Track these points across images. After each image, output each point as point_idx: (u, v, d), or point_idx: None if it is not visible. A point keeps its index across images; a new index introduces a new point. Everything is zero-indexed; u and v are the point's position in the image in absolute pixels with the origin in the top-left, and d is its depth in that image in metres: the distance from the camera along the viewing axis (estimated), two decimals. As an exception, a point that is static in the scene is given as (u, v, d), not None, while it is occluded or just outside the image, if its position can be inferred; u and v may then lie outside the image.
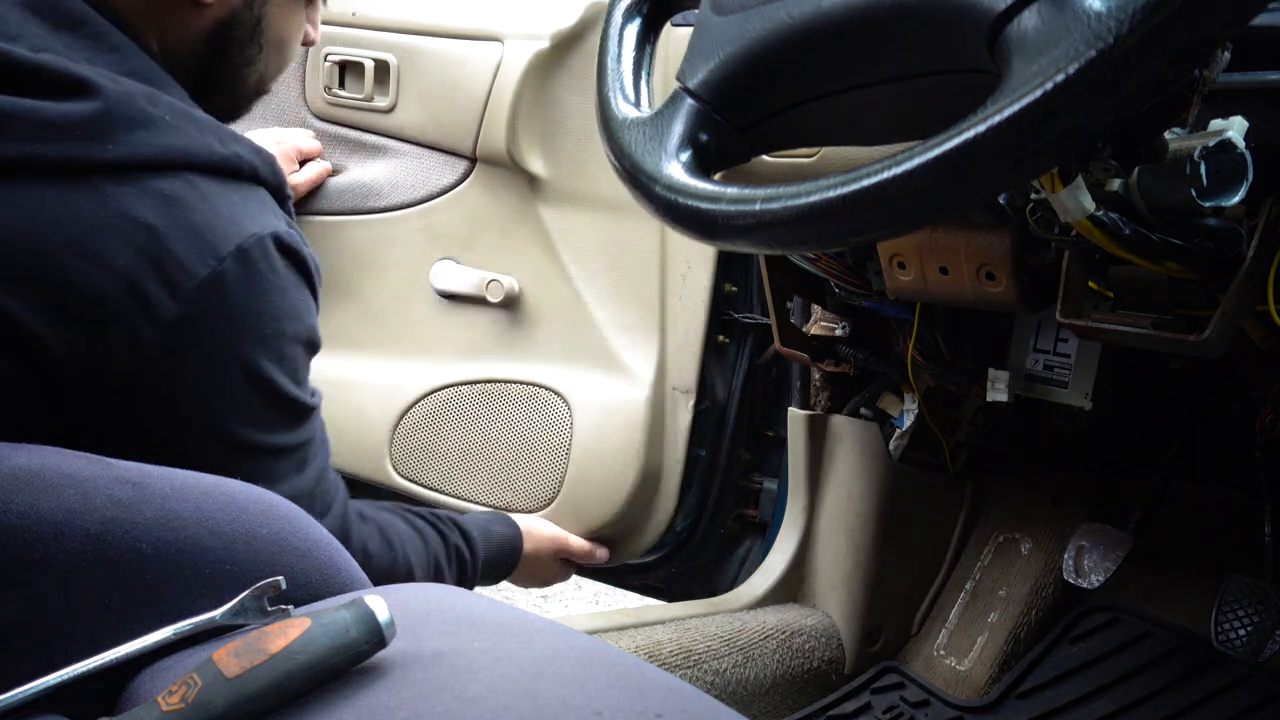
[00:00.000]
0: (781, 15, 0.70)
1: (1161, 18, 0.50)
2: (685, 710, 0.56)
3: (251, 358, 0.87)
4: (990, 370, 1.35)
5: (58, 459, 0.69)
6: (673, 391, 1.54)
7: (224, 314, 0.85)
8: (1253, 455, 1.32)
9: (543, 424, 1.56)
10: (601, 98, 0.81)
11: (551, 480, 1.55)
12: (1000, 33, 0.58)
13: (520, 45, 1.52)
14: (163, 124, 0.85)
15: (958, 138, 0.55)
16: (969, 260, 1.11)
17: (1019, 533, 1.55)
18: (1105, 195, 0.82)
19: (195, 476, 0.74)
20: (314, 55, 1.65)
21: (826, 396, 1.50)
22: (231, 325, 0.86)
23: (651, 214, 0.72)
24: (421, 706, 0.55)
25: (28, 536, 0.64)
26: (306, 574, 0.72)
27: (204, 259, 0.84)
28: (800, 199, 0.61)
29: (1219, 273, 0.91)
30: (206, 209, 0.85)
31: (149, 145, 0.84)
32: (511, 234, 1.57)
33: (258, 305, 0.87)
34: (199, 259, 0.84)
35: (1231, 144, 0.76)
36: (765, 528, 1.61)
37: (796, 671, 1.44)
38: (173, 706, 0.55)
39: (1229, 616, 1.30)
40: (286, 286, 0.90)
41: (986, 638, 1.48)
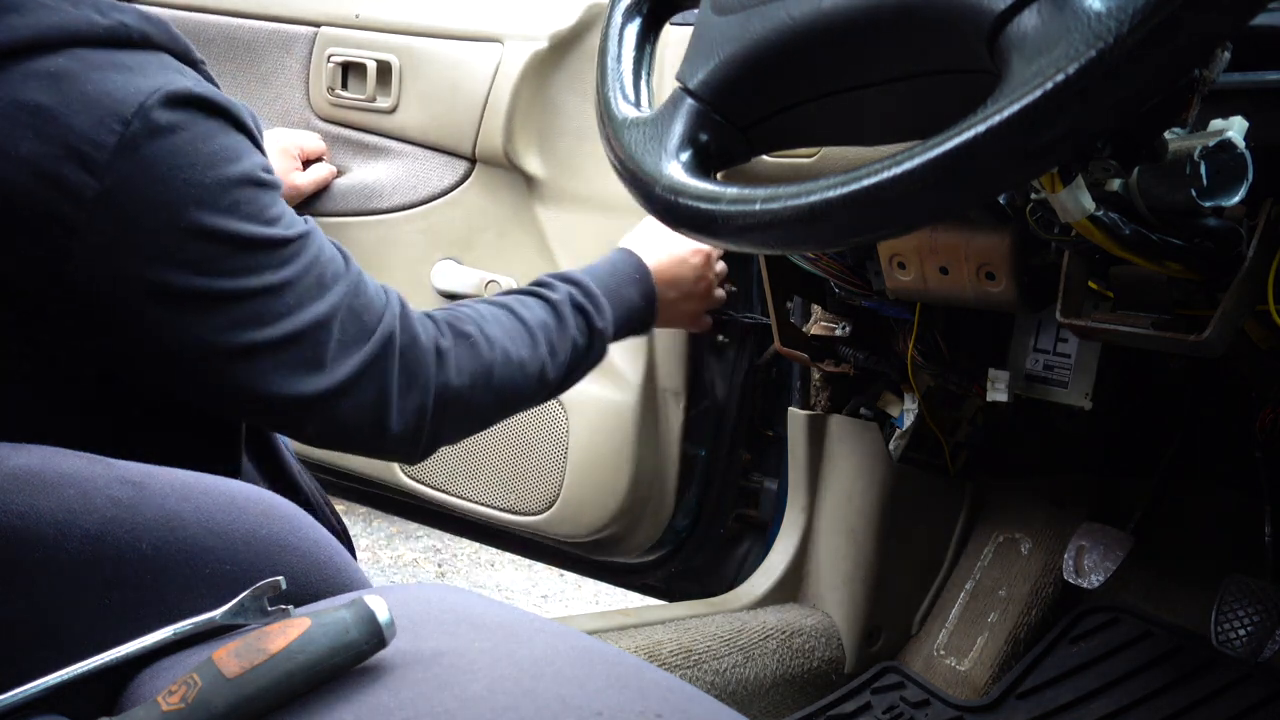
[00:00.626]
0: (782, 15, 0.70)
1: (1161, 18, 0.50)
2: (685, 710, 0.56)
3: (196, 216, 0.81)
4: (990, 370, 1.35)
5: (58, 459, 0.69)
6: (663, 393, 1.54)
7: (149, 177, 0.79)
8: (1253, 455, 1.32)
9: (541, 427, 1.56)
10: (601, 98, 0.81)
11: (551, 482, 1.55)
12: (1000, 33, 0.58)
13: (519, 46, 1.52)
14: (33, 5, 0.80)
15: (957, 138, 0.55)
16: (969, 260, 1.11)
17: (1019, 533, 1.55)
18: (1105, 195, 0.82)
19: (195, 476, 0.74)
20: (317, 56, 1.65)
21: (826, 396, 1.50)
22: (162, 187, 0.80)
23: (651, 214, 0.72)
24: (421, 706, 0.55)
25: (28, 536, 0.64)
26: (306, 574, 0.72)
27: (108, 126, 0.78)
28: (800, 199, 0.61)
29: (1219, 273, 0.91)
30: (98, 78, 0.79)
31: (22, 28, 0.78)
32: (510, 234, 1.57)
33: (181, 159, 0.80)
34: (102, 127, 0.78)
35: (1231, 144, 0.76)
36: (765, 527, 1.61)
37: (796, 671, 1.44)
38: (173, 706, 0.55)
39: (1229, 616, 1.30)
40: (210, 133, 0.83)
41: (986, 638, 1.48)
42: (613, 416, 1.52)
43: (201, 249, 0.81)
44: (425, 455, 0.98)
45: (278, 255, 0.85)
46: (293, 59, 1.66)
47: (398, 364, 0.93)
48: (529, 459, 1.56)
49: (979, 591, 1.53)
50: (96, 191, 0.78)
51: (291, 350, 0.86)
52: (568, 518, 1.54)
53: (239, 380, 0.85)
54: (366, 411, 0.91)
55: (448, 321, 1.00)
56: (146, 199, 0.79)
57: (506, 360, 1.02)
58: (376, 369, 0.91)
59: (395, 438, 0.93)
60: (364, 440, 0.93)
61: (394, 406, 0.92)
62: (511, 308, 1.06)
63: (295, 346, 0.86)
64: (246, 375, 0.85)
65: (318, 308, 0.88)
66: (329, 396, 0.88)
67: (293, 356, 0.86)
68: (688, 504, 1.58)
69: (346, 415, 0.90)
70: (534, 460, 1.56)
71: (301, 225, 0.88)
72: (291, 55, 1.66)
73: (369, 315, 0.92)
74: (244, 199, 0.83)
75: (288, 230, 0.87)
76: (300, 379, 0.87)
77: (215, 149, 0.82)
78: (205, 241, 0.81)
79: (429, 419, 0.95)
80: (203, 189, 0.81)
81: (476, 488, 1.60)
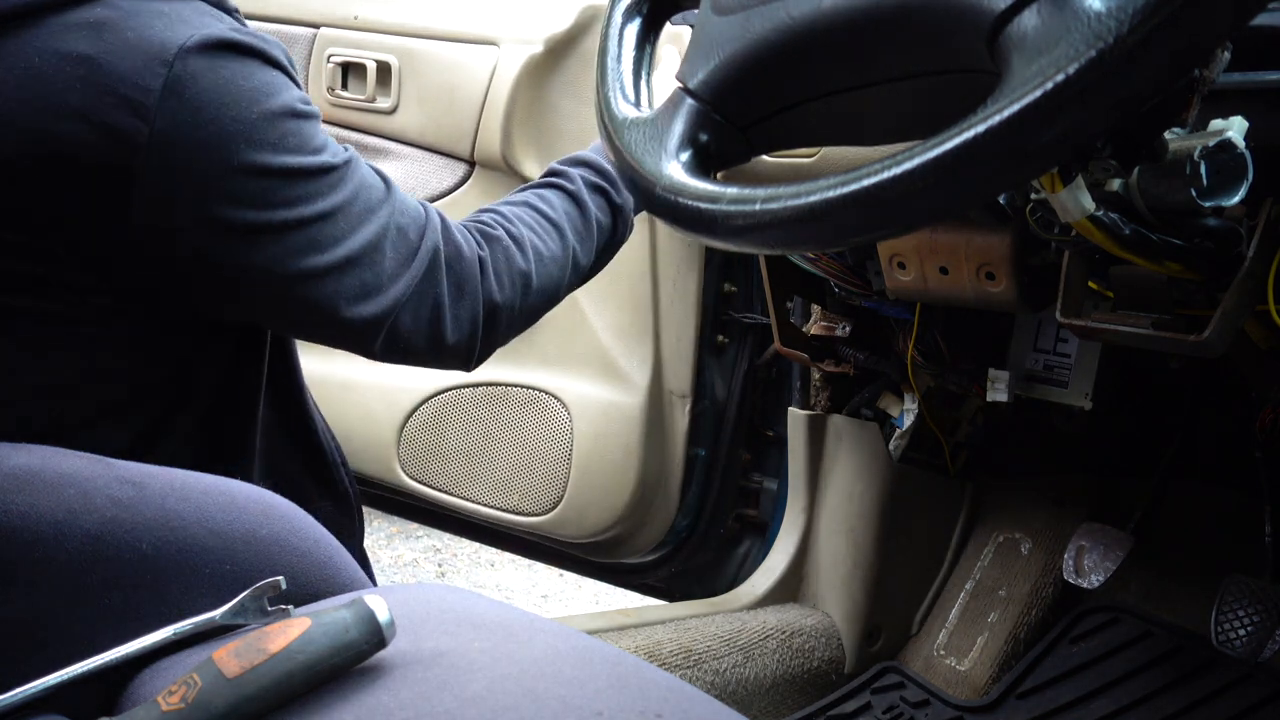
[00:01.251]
0: (782, 15, 0.70)
1: (1162, 17, 0.50)
2: (685, 710, 0.56)
3: (246, 153, 0.83)
4: (990, 370, 1.35)
5: (58, 459, 0.69)
6: (669, 395, 1.54)
7: (199, 118, 0.81)
8: (1253, 455, 1.32)
9: (544, 429, 1.56)
10: (601, 98, 0.81)
11: (556, 484, 1.55)
12: (1000, 32, 0.58)
13: (515, 50, 1.52)
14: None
15: (957, 138, 0.55)
16: (969, 260, 1.11)
17: (1019, 533, 1.55)
18: (1105, 195, 0.82)
19: (195, 476, 0.74)
20: (317, 57, 1.65)
21: (826, 396, 1.50)
22: (213, 127, 0.82)
23: (652, 214, 0.72)
24: (421, 706, 0.55)
25: (28, 536, 0.64)
26: (306, 574, 0.72)
27: (152, 70, 0.80)
28: (800, 199, 0.61)
29: (1219, 273, 0.91)
30: (138, 25, 0.81)
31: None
32: (511, 235, 1.57)
33: (227, 98, 0.83)
34: (148, 72, 0.80)
35: (1231, 144, 0.76)
36: (765, 527, 1.61)
37: (796, 671, 1.44)
38: (173, 706, 0.55)
39: (1229, 616, 1.30)
40: (249, 71, 0.85)
41: (986, 638, 1.48)
42: (619, 418, 1.52)
43: (255, 184, 0.84)
44: (480, 362, 1.02)
45: (326, 182, 0.88)
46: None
47: (446, 277, 0.96)
48: (532, 461, 1.57)
49: (979, 591, 1.53)
50: (149, 136, 0.80)
51: (350, 273, 0.89)
52: (572, 519, 1.54)
53: (304, 306, 0.89)
54: (424, 325, 0.95)
55: (477, 229, 1.03)
56: (198, 139, 0.81)
57: (539, 259, 1.04)
58: (429, 283, 0.95)
59: (451, 348, 0.97)
60: (423, 352, 0.96)
61: (448, 317, 0.96)
62: (532, 204, 1.09)
63: (354, 269, 0.90)
64: (310, 301, 0.88)
65: (368, 230, 0.91)
66: (388, 315, 0.92)
67: (351, 279, 0.90)
68: (688, 504, 1.58)
69: (406, 330, 0.93)
70: (537, 462, 1.56)
71: (344, 153, 0.91)
72: (291, 55, 1.66)
73: (414, 232, 0.95)
74: (289, 131, 0.86)
75: (333, 158, 0.90)
76: (361, 302, 0.90)
77: (256, 85, 0.85)
78: (258, 177, 0.84)
79: (480, 327, 0.99)
80: (250, 125, 0.83)
81: (479, 489, 1.60)
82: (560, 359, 1.56)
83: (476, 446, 1.60)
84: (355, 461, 1.68)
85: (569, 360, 1.56)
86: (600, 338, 1.54)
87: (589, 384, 1.55)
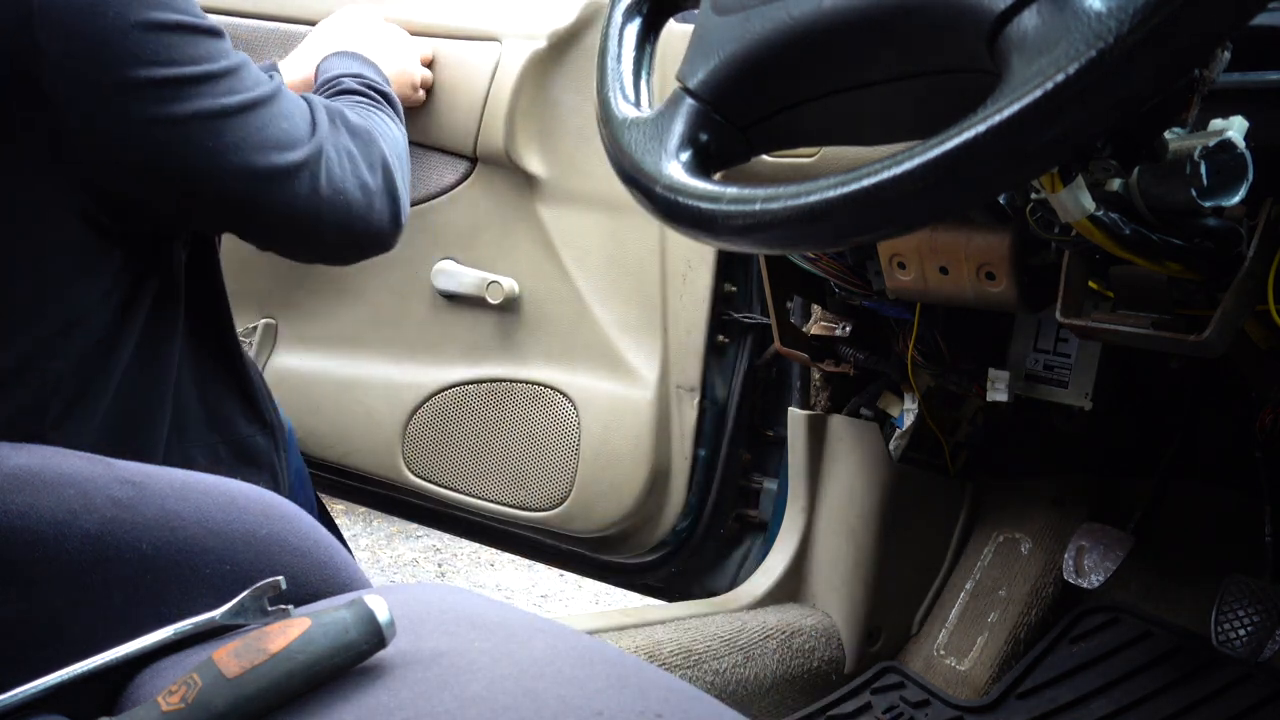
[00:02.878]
0: (782, 15, 0.70)
1: (1162, 17, 0.50)
2: (685, 710, 0.56)
3: (143, 13, 0.87)
4: (990, 370, 1.35)
5: (58, 459, 0.70)
6: (676, 390, 1.54)
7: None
8: (1253, 455, 1.32)
9: (550, 424, 1.56)
10: (601, 98, 0.81)
11: (563, 480, 1.55)
12: (1000, 32, 0.58)
13: (518, 45, 1.52)
14: None
15: (958, 138, 0.55)
16: (969, 260, 1.11)
17: (1019, 533, 1.55)
18: (1105, 195, 0.82)
19: (196, 476, 0.74)
20: (314, 55, 1.65)
21: (826, 396, 1.50)
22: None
23: (651, 214, 0.72)
24: (421, 706, 0.55)
25: (28, 536, 0.64)
26: (306, 574, 0.72)
27: None
28: (800, 199, 0.61)
29: (1219, 273, 0.91)
30: None
31: None
32: (512, 234, 1.57)
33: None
34: None
35: (1231, 144, 0.76)
36: (765, 528, 1.61)
37: (796, 671, 1.44)
38: (173, 706, 0.55)
39: (1229, 616, 1.30)
40: None
41: (986, 638, 1.48)
42: (626, 413, 1.52)
43: (151, 38, 0.88)
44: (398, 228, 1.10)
45: (223, 45, 0.94)
46: (293, 59, 1.65)
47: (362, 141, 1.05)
48: (539, 456, 1.57)
49: (979, 591, 1.53)
50: (34, 3, 0.83)
51: (264, 120, 0.95)
52: (579, 514, 1.55)
53: (232, 154, 0.93)
54: (349, 175, 1.01)
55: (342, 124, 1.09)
56: (88, 4, 0.85)
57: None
58: (341, 138, 1.02)
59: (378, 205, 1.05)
60: (356, 206, 1.03)
61: (369, 172, 1.03)
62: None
63: (269, 113, 0.95)
64: (229, 148, 0.93)
65: (270, 88, 0.97)
66: (312, 157, 0.98)
67: (266, 127, 0.95)
68: (688, 504, 1.58)
69: (334, 180, 1.00)
70: (543, 457, 1.56)
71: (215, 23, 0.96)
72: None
73: (304, 109, 1.02)
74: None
75: (216, 25, 0.95)
76: (279, 152, 0.96)
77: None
78: (153, 30, 0.88)
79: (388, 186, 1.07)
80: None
81: (485, 485, 1.60)
82: (566, 355, 1.56)
83: (482, 443, 1.60)
84: (358, 459, 1.68)
85: (575, 356, 1.56)
86: (607, 333, 1.54)
87: (596, 379, 1.55)
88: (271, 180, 0.96)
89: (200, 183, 0.95)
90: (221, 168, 0.94)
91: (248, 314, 1.71)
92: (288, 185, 0.97)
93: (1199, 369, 1.41)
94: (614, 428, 1.52)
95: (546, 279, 1.56)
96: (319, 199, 0.99)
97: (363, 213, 1.03)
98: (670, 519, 1.57)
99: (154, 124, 0.90)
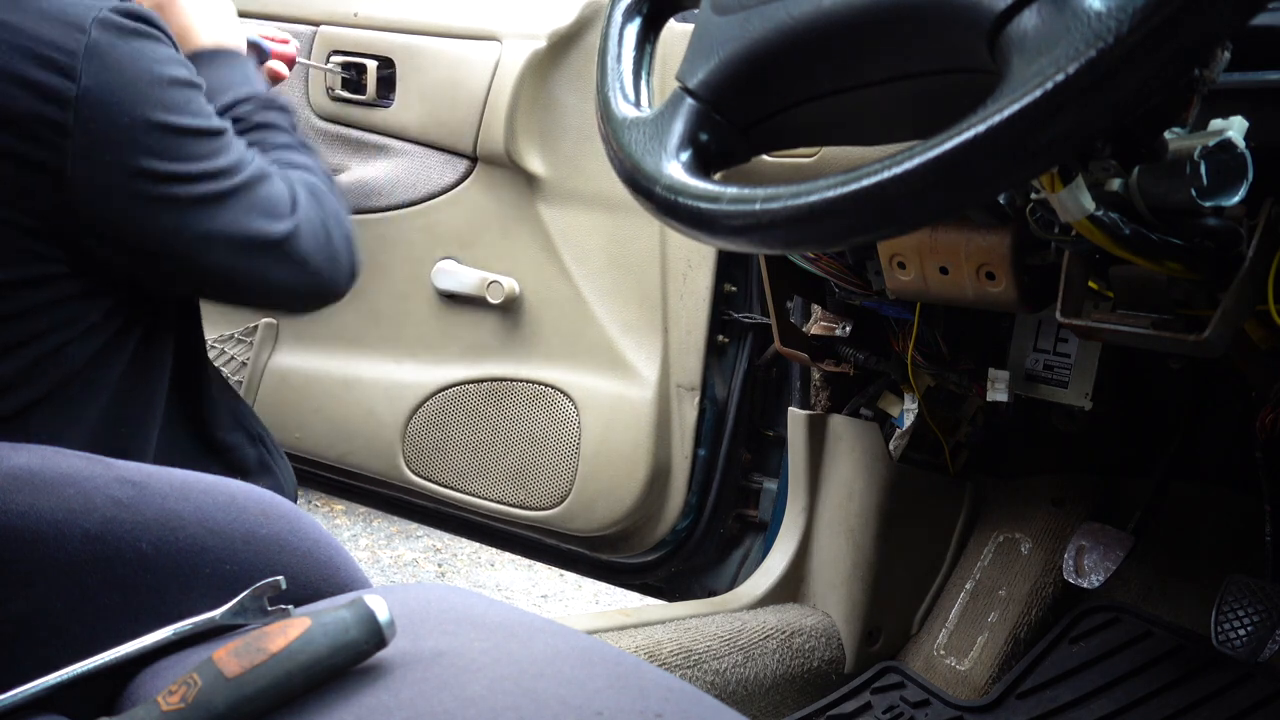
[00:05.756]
0: (782, 15, 0.70)
1: (1162, 17, 0.50)
2: (685, 710, 0.56)
3: (158, 114, 0.96)
4: (990, 370, 1.35)
5: (58, 459, 0.69)
6: (677, 389, 1.54)
7: (117, 78, 0.94)
8: (1253, 455, 1.32)
9: (551, 423, 1.56)
10: (601, 98, 0.81)
11: (563, 478, 1.55)
12: (1000, 32, 0.58)
13: (518, 45, 1.52)
14: None
15: (958, 137, 0.55)
16: (969, 260, 1.11)
17: (1019, 533, 1.55)
18: (1105, 195, 0.82)
19: (196, 476, 0.74)
20: (317, 56, 1.65)
21: (826, 396, 1.50)
22: (131, 89, 0.95)
23: (651, 214, 0.72)
24: (421, 706, 0.55)
25: (28, 536, 0.64)
26: (307, 574, 0.72)
27: (72, 35, 0.92)
28: (800, 199, 0.61)
29: (1219, 273, 0.91)
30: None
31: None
32: (512, 233, 1.57)
33: (139, 64, 0.95)
34: (68, 36, 0.92)
35: (1231, 144, 0.76)
36: (765, 528, 1.61)
37: (796, 671, 1.44)
38: (173, 706, 0.55)
39: (1229, 616, 1.30)
40: (153, 40, 0.98)
41: (986, 638, 1.48)
42: (627, 412, 1.52)
43: (167, 139, 0.97)
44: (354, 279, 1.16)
45: (219, 142, 1.02)
46: (293, 58, 1.65)
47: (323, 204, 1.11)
48: (539, 455, 1.57)
49: (979, 591, 1.53)
50: (75, 93, 0.92)
51: (256, 195, 1.03)
52: (580, 512, 1.55)
53: (224, 231, 1.00)
54: (321, 242, 1.08)
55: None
56: (118, 99, 0.94)
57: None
58: (314, 209, 1.08)
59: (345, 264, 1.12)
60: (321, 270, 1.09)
61: (336, 235, 1.10)
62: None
63: (257, 200, 1.03)
64: (227, 223, 1.01)
65: (261, 170, 1.05)
66: (293, 230, 1.04)
67: (255, 206, 1.02)
68: (688, 504, 1.58)
69: (307, 247, 1.06)
70: (544, 456, 1.57)
71: (219, 120, 1.04)
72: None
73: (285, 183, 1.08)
74: (190, 97, 1.00)
75: (221, 121, 1.03)
76: (270, 219, 1.03)
77: (160, 54, 0.98)
78: (168, 133, 0.97)
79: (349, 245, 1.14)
80: (160, 88, 0.97)
81: (485, 484, 1.60)
82: (566, 354, 1.56)
83: (483, 442, 1.60)
84: (358, 458, 1.68)
85: (576, 355, 1.56)
86: (608, 332, 1.54)
87: (596, 378, 1.55)
88: (257, 253, 1.03)
89: (192, 257, 1.02)
90: (213, 244, 1.01)
91: (248, 313, 1.71)
92: (270, 258, 1.04)
93: (1199, 369, 1.41)
94: (614, 427, 1.52)
95: (547, 278, 1.56)
96: (296, 268, 1.06)
97: (330, 276, 1.10)
98: (670, 519, 1.57)
99: (159, 203, 0.97)
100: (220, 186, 1.00)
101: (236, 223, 1.01)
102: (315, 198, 1.10)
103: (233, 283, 1.05)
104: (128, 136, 0.94)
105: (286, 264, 1.05)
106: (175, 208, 0.98)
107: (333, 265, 1.10)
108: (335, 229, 1.11)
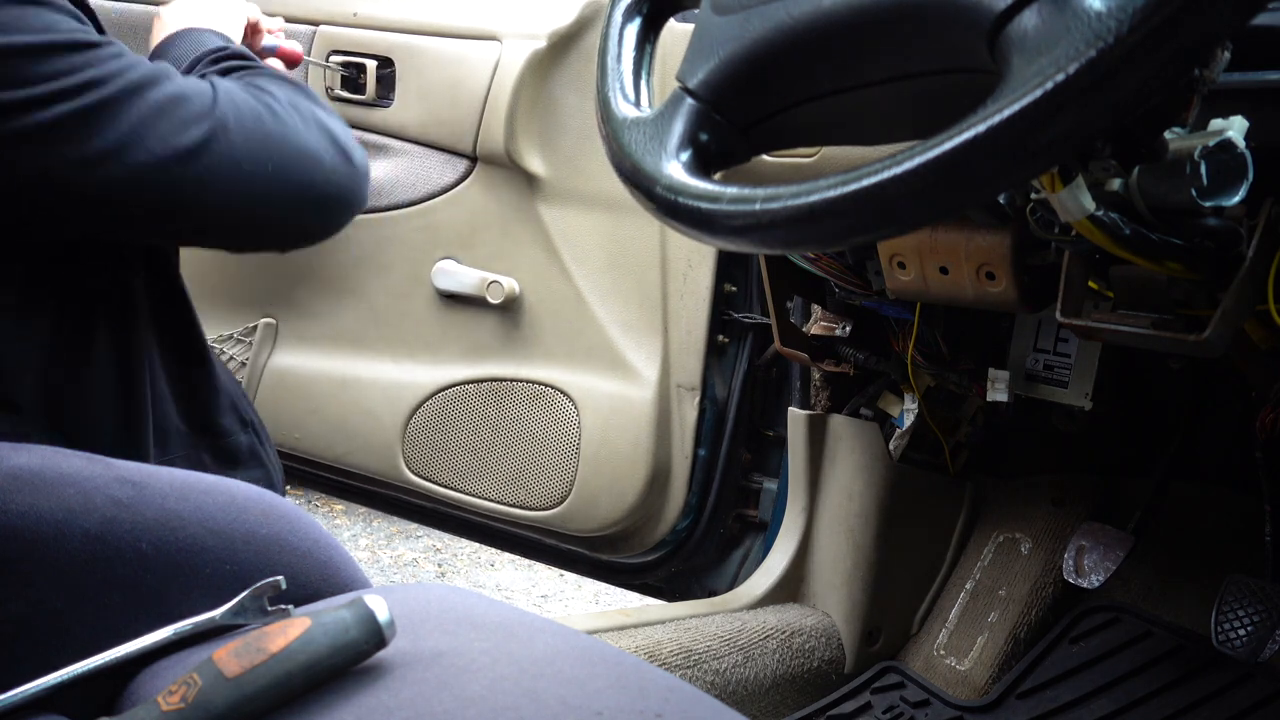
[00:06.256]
0: (782, 15, 0.70)
1: (1162, 17, 0.50)
2: (685, 710, 0.56)
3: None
4: (990, 370, 1.35)
5: (58, 459, 0.69)
6: (677, 389, 1.54)
7: None
8: (1253, 455, 1.32)
9: (551, 423, 1.56)
10: (601, 98, 0.81)
11: (563, 478, 1.55)
12: (1000, 32, 0.58)
13: (518, 44, 1.52)
14: None
15: (958, 137, 0.55)
16: (969, 260, 1.11)
17: (1019, 533, 1.55)
18: (1105, 195, 0.82)
19: (196, 476, 0.74)
20: (316, 55, 1.65)
21: (826, 396, 1.50)
22: None
23: (651, 214, 0.72)
24: (421, 706, 0.55)
25: (28, 536, 0.64)
26: (307, 574, 0.72)
27: None
28: (800, 199, 0.61)
29: (1219, 273, 0.91)
30: None
31: None
32: (512, 233, 1.57)
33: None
34: None
35: (1231, 144, 0.76)
36: (765, 528, 1.61)
37: (796, 671, 1.44)
38: (172, 706, 0.55)
39: (1229, 616, 1.30)
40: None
41: (986, 638, 1.48)
42: (627, 412, 1.52)
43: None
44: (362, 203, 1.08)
45: (79, 57, 0.89)
46: (293, 58, 1.65)
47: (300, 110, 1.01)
48: (538, 455, 1.57)
49: (979, 591, 1.53)
50: None
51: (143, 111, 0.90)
52: (579, 513, 1.55)
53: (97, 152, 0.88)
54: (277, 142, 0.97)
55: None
56: None
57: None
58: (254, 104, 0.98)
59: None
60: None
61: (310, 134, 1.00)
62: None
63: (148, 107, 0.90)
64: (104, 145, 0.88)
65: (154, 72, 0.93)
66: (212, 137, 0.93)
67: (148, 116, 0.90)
68: (688, 504, 1.58)
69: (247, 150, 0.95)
70: (543, 456, 1.57)
71: (81, 33, 0.90)
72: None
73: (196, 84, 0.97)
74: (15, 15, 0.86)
75: (78, 37, 0.89)
76: (173, 130, 0.91)
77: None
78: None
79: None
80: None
81: (485, 485, 1.60)
82: (566, 354, 1.56)
83: (483, 442, 1.60)
84: (358, 458, 1.68)
85: (575, 355, 1.56)
86: (607, 332, 1.54)
87: (596, 378, 1.55)
88: (174, 167, 0.91)
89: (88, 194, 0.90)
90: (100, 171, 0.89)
91: (248, 314, 1.71)
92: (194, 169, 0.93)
93: (1199, 369, 1.41)
94: (614, 427, 1.52)
95: (547, 278, 1.56)
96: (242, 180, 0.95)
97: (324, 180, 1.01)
98: (670, 519, 1.57)
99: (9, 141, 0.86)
100: (84, 101, 0.87)
101: (127, 139, 0.88)
102: (262, 93, 0.98)
103: (170, 215, 0.94)
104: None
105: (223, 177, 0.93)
106: (32, 142, 0.86)
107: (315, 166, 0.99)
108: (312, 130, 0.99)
